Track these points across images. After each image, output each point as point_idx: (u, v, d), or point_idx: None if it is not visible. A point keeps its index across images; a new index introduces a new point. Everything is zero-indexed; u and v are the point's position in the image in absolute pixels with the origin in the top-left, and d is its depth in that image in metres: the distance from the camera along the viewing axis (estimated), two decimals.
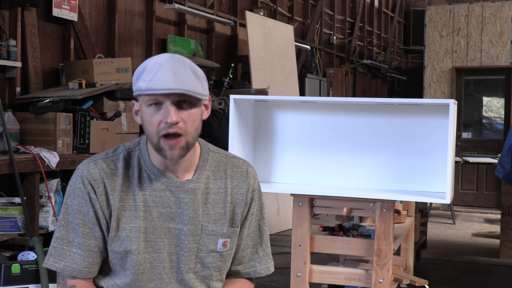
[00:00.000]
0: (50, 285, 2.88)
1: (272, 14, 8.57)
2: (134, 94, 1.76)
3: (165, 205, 1.80)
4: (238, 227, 1.89)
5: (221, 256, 1.86)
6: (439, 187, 3.28)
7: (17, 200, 4.16)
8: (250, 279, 2.00)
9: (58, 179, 4.45)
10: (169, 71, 1.69)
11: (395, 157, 3.37)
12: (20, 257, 3.02)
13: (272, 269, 2.00)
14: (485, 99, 10.72)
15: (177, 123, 1.70)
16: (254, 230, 1.95)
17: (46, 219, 4.35)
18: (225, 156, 1.93)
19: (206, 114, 1.82)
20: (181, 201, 1.81)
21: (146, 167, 1.81)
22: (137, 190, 1.79)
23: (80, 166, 1.82)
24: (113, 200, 1.78)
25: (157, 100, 1.70)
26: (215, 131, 6.05)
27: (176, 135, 1.71)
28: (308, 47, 9.29)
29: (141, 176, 1.81)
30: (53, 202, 4.35)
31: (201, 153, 1.87)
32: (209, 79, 7.06)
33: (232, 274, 1.96)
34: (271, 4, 8.56)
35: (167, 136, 1.71)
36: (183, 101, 1.71)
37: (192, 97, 1.72)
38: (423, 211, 5.56)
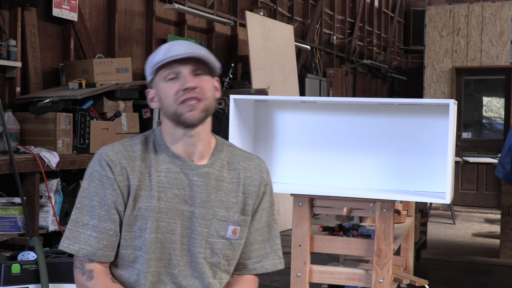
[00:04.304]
0: (50, 285, 2.87)
1: (272, 14, 8.56)
2: (150, 77, 1.85)
3: (179, 187, 1.85)
4: (249, 216, 1.92)
5: (230, 244, 1.89)
6: (439, 187, 3.28)
7: (17, 200, 4.16)
8: (256, 276, 2.01)
9: (58, 179, 4.45)
10: (182, 45, 1.82)
11: (395, 157, 3.37)
12: (20, 257, 3.02)
13: (280, 266, 2.01)
14: (485, 99, 10.72)
15: (194, 88, 1.79)
16: (264, 225, 1.97)
17: (46, 219, 4.35)
18: (239, 150, 2.01)
19: (218, 94, 1.90)
20: (194, 183, 1.85)
21: (161, 151, 1.87)
22: (153, 171, 1.84)
23: (98, 151, 1.88)
24: (133, 180, 1.82)
25: (174, 73, 1.81)
26: (215, 131, 6.05)
27: (195, 99, 1.80)
28: (308, 47, 9.29)
29: (157, 159, 1.86)
30: (53, 202, 4.35)
31: (216, 145, 1.95)
32: None
33: (238, 269, 1.97)
34: (271, 4, 8.56)
35: (184, 102, 1.80)
36: (198, 71, 1.82)
37: (206, 65, 1.83)
38: (423, 211, 5.55)
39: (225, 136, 3.39)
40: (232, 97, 3.35)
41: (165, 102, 1.82)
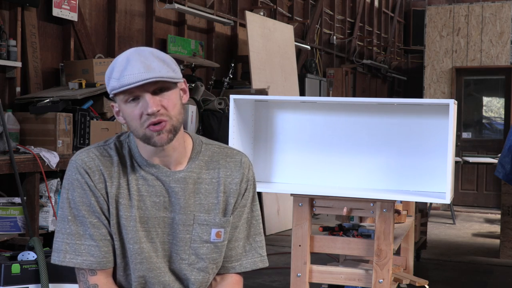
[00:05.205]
0: (50, 285, 2.88)
1: (272, 14, 8.57)
2: (110, 95, 1.76)
3: (158, 194, 1.81)
4: (231, 216, 1.88)
5: (216, 247, 1.86)
6: (439, 187, 3.27)
7: (17, 200, 4.16)
8: (239, 274, 1.96)
9: (58, 179, 4.45)
10: (138, 63, 1.69)
11: (395, 157, 3.37)
12: (20, 257, 3.02)
13: (261, 265, 1.95)
14: (485, 99, 10.72)
15: (158, 111, 1.71)
16: (243, 222, 1.92)
17: (46, 219, 4.35)
18: (219, 147, 1.93)
19: (185, 98, 1.83)
20: (172, 190, 1.81)
21: (136, 159, 1.83)
22: (131, 180, 1.80)
23: (73, 157, 1.82)
24: (111, 187, 1.79)
25: (133, 95, 1.71)
26: (215, 131, 6.05)
27: (160, 122, 1.72)
28: (308, 47, 9.29)
29: (133, 167, 1.82)
30: (53, 202, 4.35)
31: (193, 146, 1.88)
32: (209, 79, 7.06)
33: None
34: (271, 4, 8.56)
35: (150, 126, 1.72)
36: (159, 89, 1.72)
37: (166, 82, 1.73)
38: (423, 211, 5.55)
39: (225, 136, 3.39)
40: (232, 97, 3.35)
41: (131, 123, 1.74)
